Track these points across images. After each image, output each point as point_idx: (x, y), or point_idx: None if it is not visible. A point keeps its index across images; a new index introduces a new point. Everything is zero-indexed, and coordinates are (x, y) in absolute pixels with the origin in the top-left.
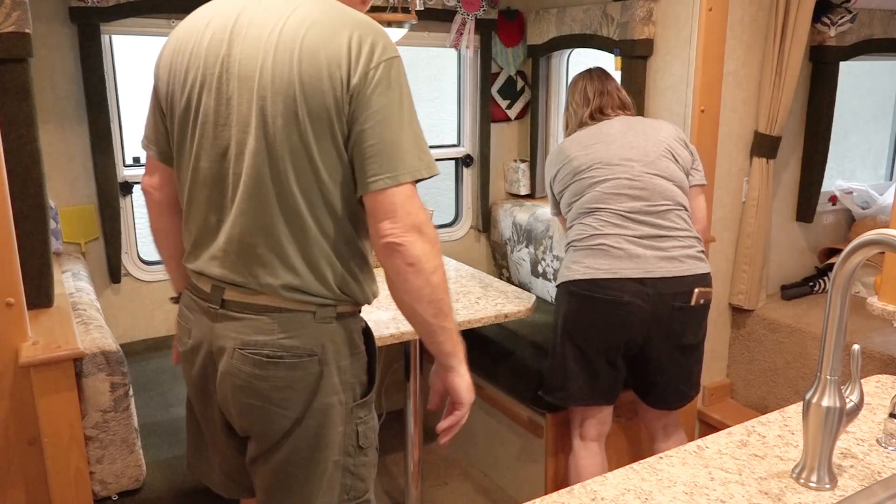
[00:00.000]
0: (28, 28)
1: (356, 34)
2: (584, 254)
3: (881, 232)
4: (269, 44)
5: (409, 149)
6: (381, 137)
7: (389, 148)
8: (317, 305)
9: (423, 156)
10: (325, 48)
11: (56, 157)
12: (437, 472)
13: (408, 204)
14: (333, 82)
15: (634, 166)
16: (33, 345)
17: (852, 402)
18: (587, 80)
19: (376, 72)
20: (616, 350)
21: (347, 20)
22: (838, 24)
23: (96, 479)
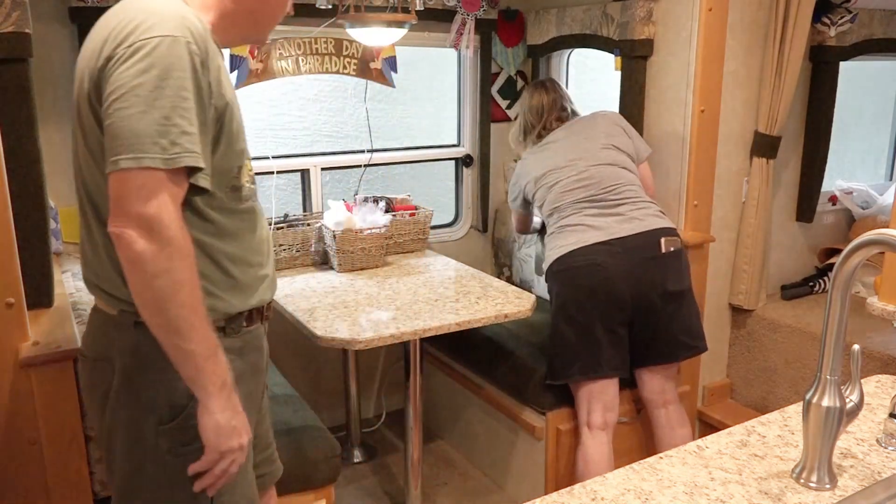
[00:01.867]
0: (28, 28)
1: (124, 18)
2: (556, 239)
3: (881, 232)
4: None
5: (146, 132)
6: (117, 116)
7: (121, 129)
8: (118, 309)
9: (162, 140)
10: (98, 33)
11: (56, 157)
12: (437, 472)
13: (133, 193)
14: (91, 65)
15: (579, 163)
16: (33, 345)
17: (852, 402)
18: (542, 95)
19: (126, 50)
20: (610, 316)
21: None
22: (838, 24)
23: (96, 479)
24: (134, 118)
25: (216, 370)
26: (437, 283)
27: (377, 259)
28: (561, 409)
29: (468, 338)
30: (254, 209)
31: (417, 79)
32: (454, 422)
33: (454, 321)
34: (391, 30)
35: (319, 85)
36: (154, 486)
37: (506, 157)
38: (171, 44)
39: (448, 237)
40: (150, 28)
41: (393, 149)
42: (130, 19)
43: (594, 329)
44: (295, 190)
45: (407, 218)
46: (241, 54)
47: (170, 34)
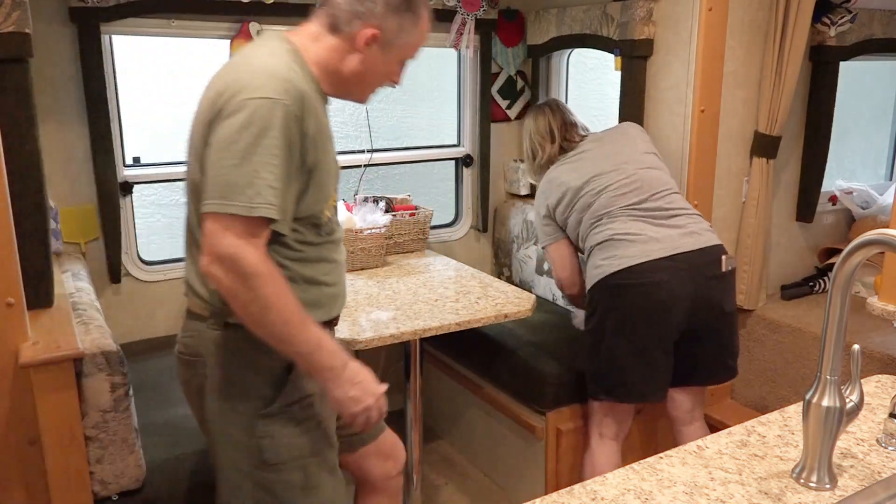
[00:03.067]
0: (28, 28)
1: (237, 75)
2: (611, 249)
3: (881, 232)
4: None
5: (236, 182)
6: (216, 166)
7: (217, 177)
8: (209, 311)
9: (249, 191)
10: (216, 84)
11: (56, 157)
12: (437, 472)
13: (219, 234)
14: (206, 115)
15: (626, 167)
16: (33, 345)
17: (852, 402)
18: (548, 117)
19: (233, 107)
20: (669, 337)
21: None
22: (838, 24)
23: (96, 479)
24: (229, 169)
25: (322, 360)
26: (437, 283)
27: (377, 259)
28: (561, 409)
29: (468, 338)
30: (333, 240)
31: (417, 79)
32: (454, 422)
33: (454, 321)
34: None
35: None
36: (251, 474)
37: (506, 158)
38: (271, 106)
39: (448, 237)
40: (256, 89)
41: (393, 149)
42: (241, 78)
43: (653, 351)
44: None
45: (407, 218)
46: None
47: (271, 97)
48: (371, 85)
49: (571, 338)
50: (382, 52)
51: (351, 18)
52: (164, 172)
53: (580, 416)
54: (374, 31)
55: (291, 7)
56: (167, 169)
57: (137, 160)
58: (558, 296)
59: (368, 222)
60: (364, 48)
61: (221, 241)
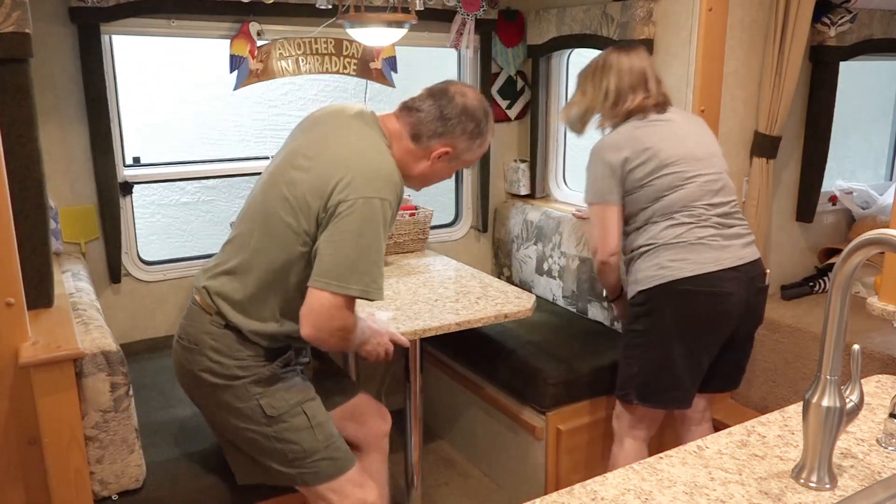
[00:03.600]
0: (28, 28)
1: (350, 166)
2: (684, 251)
3: (881, 232)
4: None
5: (350, 268)
6: (332, 250)
7: (332, 261)
8: (214, 311)
9: (364, 277)
10: (330, 162)
11: (56, 157)
12: (437, 472)
13: (334, 310)
14: (323, 192)
15: (715, 163)
16: (33, 345)
17: (852, 402)
18: (646, 63)
19: (349, 206)
20: (717, 345)
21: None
22: (838, 24)
23: (96, 478)
24: (344, 255)
25: (362, 339)
26: (437, 283)
27: None
28: (561, 409)
29: (468, 338)
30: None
31: (417, 79)
32: (454, 422)
33: (454, 321)
34: (391, 30)
35: (319, 85)
36: (261, 432)
37: (506, 158)
38: (380, 205)
39: (448, 237)
40: (366, 186)
41: None
42: (355, 169)
43: (702, 359)
44: None
45: (407, 218)
46: (241, 54)
47: (379, 196)
48: (430, 183)
49: (571, 338)
50: (448, 164)
51: (432, 136)
52: (164, 172)
53: (580, 415)
54: (448, 149)
55: (291, 7)
56: (167, 169)
57: (137, 160)
58: (558, 296)
59: None
60: (435, 160)
61: (337, 315)
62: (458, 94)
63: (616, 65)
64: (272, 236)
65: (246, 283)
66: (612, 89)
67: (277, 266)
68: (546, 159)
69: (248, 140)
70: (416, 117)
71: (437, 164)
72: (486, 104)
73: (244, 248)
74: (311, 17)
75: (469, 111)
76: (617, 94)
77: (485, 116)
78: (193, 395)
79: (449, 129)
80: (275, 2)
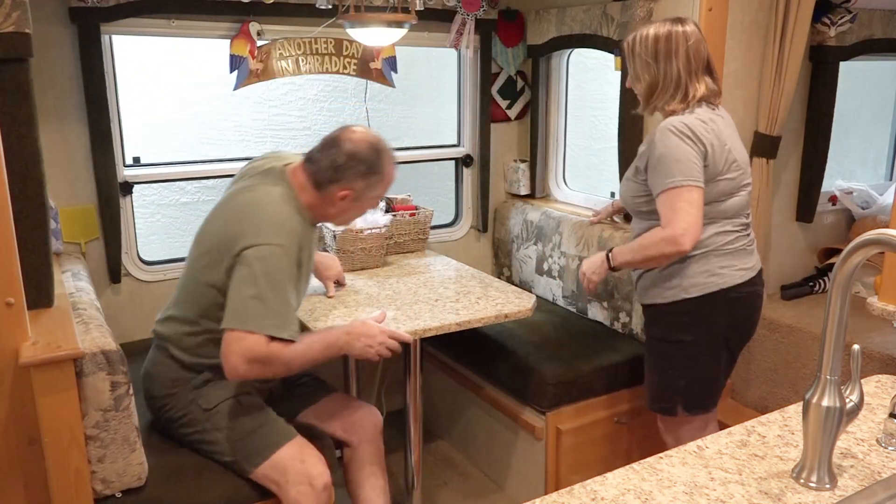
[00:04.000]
0: (28, 28)
1: (251, 222)
2: (731, 257)
3: (881, 232)
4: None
5: (258, 311)
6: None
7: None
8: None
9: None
10: (229, 220)
11: (56, 157)
12: (437, 472)
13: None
14: (228, 244)
15: (749, 170)
16: (33, 345)
17: (852, 402)
18: (707, 47)
19: (251, 253)
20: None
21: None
22: (838, 24)
23: (98, 477)
24: (251, 300)
25: (330, 354)
26: (437, 283)
27: (377, 259)
28: (561, 409)
29: (468, 338)
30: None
31: (417, 79)
32: (454, 422)
33: (454, 321)
34: (391, 30)
35: (319, 85)
36: (205, 423)
37: (506, 157)
38: (281, 253)
39: (448, 237)
40: (268, 236)
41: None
42: (255, 223)
43: (735, 359)
44: None
45: (407, 218)
46: (241, 54)
47: (279, 244)
48: (350, 220)
49: (571, 338)
50: (355, 203)
51: (329, 182)
52: (164, 172)
53: (580, 415)
54: (347, 192)
55: (291, 7)
56: (167, 169)
57: (137, 160)
58: (558, 296)
59: (368, 222)
60: (340, 202)
61: (247, 352)
62: (347, 140)
63: (684, 41)
64: (195, 288)
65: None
66: (682, 70)
67: (205, 313)
68: (546, 159)
69: (248, 140)
70: (314, 167)
71: (343, 204)
72: (377, 144)
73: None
74: (311, 17)
75: (357, 156)
76: (688, 75)
77: (375, 156)
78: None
79: (342, 174)
80: (275, 2)
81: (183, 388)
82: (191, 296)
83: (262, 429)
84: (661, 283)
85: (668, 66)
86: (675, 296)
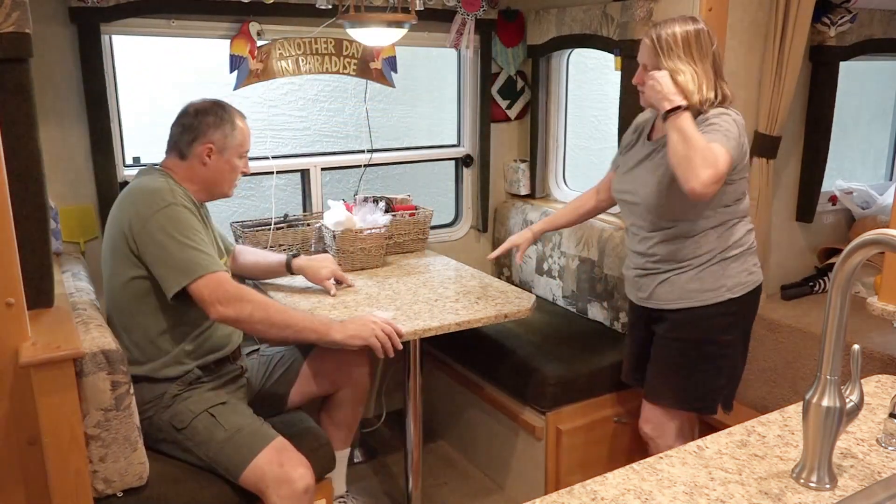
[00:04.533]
0: (28, 28)
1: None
2: (756, 255)
3: (881, 232)
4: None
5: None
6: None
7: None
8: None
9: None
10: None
11: (56, 157)
12: (437, 472)
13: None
14: (124, 226)
15: None
16: (33, 345)
17: (852, 402)
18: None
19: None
20: None
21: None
22: (838, 24)
23: (100, 477)
24: (182, 252)
25: (315, 327)
26: (437, 283)
27: (377, 259)
28: (561, 409)
29: (468, 338)
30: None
31: (417, 79)
32: (454, 422)
33: (454, 321)
34: (391, 30)
35: (319, 85)
36: (182, 441)
37: (506, 158)
38: (175, 210)
39: (448, 237)
40: (157, 203)
41: (393, 149)
42: (140, 202)
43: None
44: (295, 190)
45: (407, 218)
46: (241, 54)
47: (168, 203)
48: (226, 184)
49: (571, 338)
50: (222, 156)
51: (189, 144)
52: None
53: (580, 415)
54: (209, 145)
55: (291, 7)
56: None
57: (137, 160)
58: (558, 296)
59: (368, 222)
60: (207, 160)
61: (215, 292)
62: (190, 105)
63: (713, 41)
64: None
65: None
66: (712, 70)
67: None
68: (546, 159)
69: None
70: (172, 141)
71: (213, 162)
72: (219, 100)
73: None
74: (311, 17)
75: (202, 110)
76: (717, 76)
77: (219, 107)
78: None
79: (195, 131)
80: (275, 2)
81: (155, 409)
82: (120, 306)
83: (236, 437)
84: (696, 286)
85: (705, 63)
86: (719, 296)
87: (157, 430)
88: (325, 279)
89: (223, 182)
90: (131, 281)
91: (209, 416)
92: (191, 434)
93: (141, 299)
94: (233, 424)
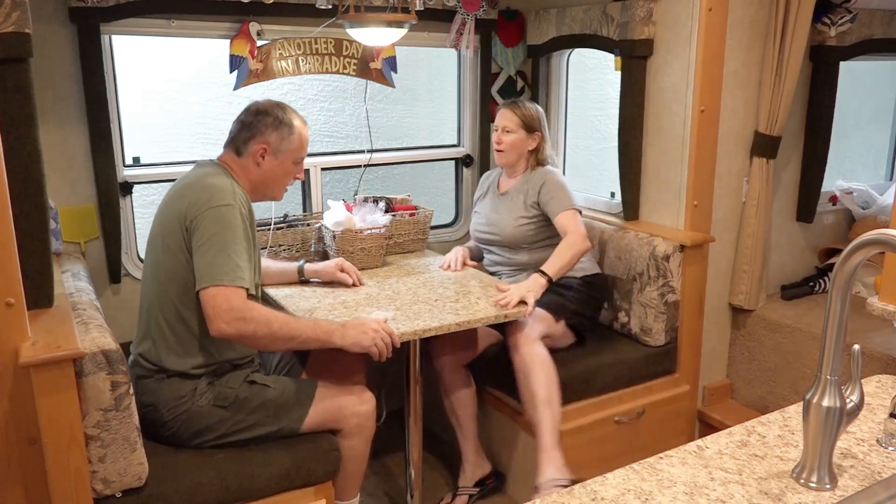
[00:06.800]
0: (28, 28)
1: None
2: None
3: (881, 232)
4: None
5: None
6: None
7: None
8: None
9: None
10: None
11: (56, 157)
12: (438, 472)
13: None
14: (181, 219)
15: None
16: (33, 345)
17: (852, 402)
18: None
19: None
20: None
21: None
22: (838, 24)
23: (99, 477)
24: (216, 256)
25: (318, 335)
26: (437, 283)
27: (377, 259)
28: (561, 408)
29: None
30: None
31: (417, 79)
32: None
33: (454, 321)
34: (391, 30)
35: (319, 85)
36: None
37: None
38: (230, 212)
39: (448, 237)
40: (216, 199)
41: (393, 149)
42: (200, 192)
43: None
44: (295, 190)
45: (407, 218)
46: (241, 54)
47: (226, 203)
48: (278, 185)
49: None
50: (275, 158)
51: (246, 142)
52: (164, 172)
53: (580, 415)
54: (263, 146)
55: (291, 7)
56: (167, 169)
57: (137, 160)
58: None
59: (368, 222)
60: (260, 160)
61: (225, 306)
62: (253, 104)
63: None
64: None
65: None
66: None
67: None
68: None
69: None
70: (230, 138)
71: (266, 163)
72: (281, 103)
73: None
74: (311, 17)
75: (261, 110)
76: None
77: (280, 109)
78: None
79: (253, 129)
80: (275, 2)
81: (190, 401)
82: (168, 297)
83: (287, 391)
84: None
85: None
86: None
87: (196, 421)
88: (336, 272)
89: (274, 185)
90: (182, 271)
91: (250, 385)
92: (240, 405)
93: (189, 292)
94: (276, 382)
